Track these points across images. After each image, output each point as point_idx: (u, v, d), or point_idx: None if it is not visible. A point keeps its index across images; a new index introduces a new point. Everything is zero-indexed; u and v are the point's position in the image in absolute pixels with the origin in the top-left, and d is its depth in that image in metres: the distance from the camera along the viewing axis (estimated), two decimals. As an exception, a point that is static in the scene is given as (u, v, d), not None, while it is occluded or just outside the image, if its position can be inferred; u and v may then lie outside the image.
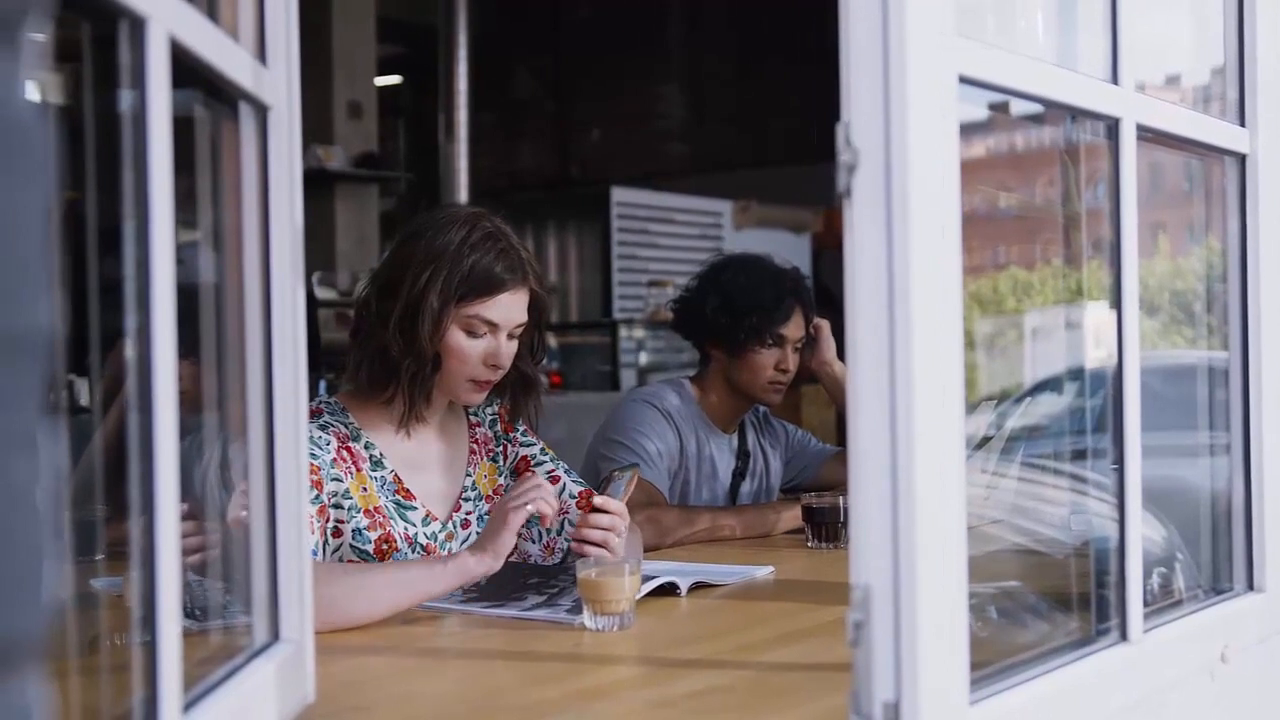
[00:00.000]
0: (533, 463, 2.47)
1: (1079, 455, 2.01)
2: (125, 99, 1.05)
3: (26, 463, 0.59)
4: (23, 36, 0.62)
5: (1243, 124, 1.84)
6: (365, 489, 2.24)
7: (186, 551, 1.15)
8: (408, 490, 2.30)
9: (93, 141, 1.08)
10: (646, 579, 2.08)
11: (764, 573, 2.40)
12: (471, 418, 2.46)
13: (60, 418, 0.66)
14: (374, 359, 2.26)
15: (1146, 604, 1.60)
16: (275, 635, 1.41)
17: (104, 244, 1.08)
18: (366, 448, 2.28)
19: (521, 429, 2.50)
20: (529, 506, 2.05)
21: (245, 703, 1.26)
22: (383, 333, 2.23)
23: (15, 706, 0.59)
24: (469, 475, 2.41)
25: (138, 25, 1.02)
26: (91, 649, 1.27)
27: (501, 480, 2.45)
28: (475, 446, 2.44)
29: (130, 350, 1.05)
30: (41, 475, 0.60)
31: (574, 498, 2.42)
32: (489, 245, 2.24)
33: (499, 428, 2.48)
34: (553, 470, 2.45)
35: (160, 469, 1.04)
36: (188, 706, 1.11)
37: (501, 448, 2.47)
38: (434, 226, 2.26)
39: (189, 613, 1.27)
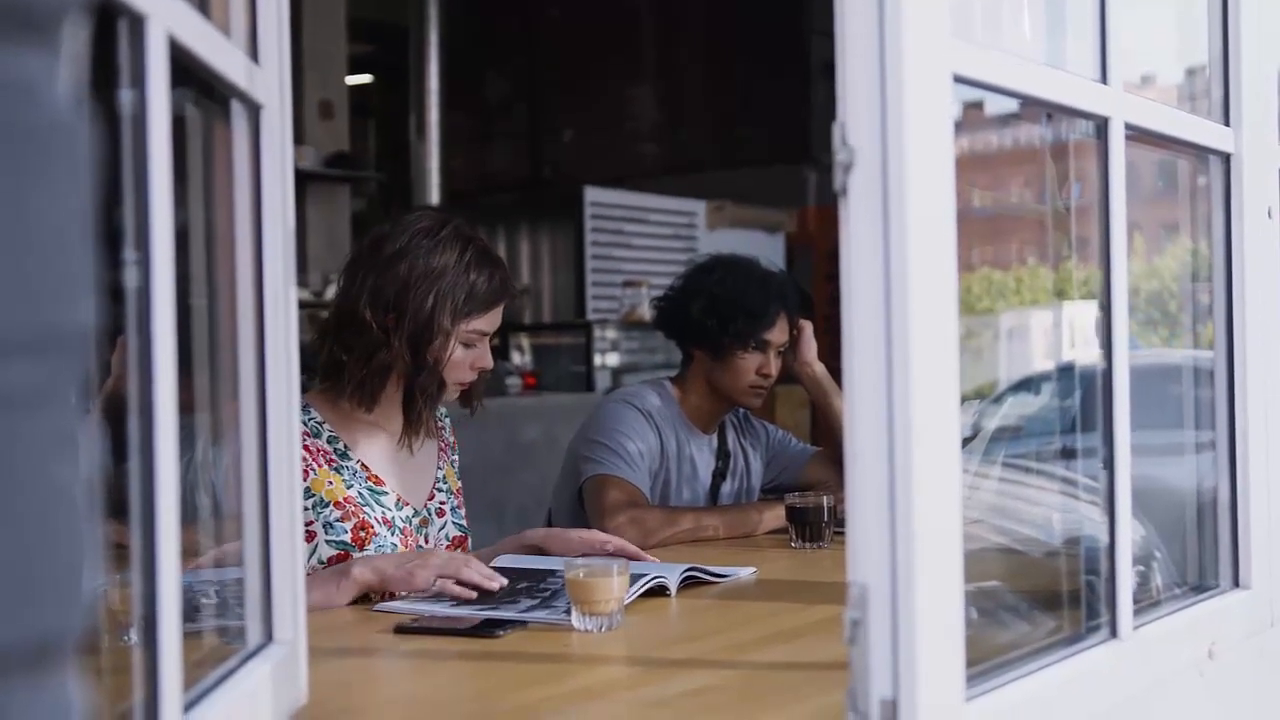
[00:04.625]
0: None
1: (1060, 454, 2.02)
2: (123, 97, 1.04)
3: (68, 462, 0.59)
4: (61, 36, 0.62)
5: (1227, 123, 1.86)
6: (331, 482, 2.29)
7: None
8: (377, 477, 2.36)
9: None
10: (635, 578, 2.08)
11: (748, 573, 2.41)
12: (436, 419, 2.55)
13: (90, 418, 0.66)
14: (378, 375, 2.32)
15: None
16: (269, 637, 1.40)
17: (101, 243, 1.07)
18: (330, 441, 2.34)
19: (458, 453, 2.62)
20: (436, 584, 2.09)
21: (241, 704, 1.25)
22: (387, 350, 2.28)
23: (60, 703, 0.59)
24: (440, 469, 2.50)
25: (137, 23, 1.02)
26: (89, 650, 1.26)
27: (458, 484, 2.57)
28: (442, 445, 2.54)
29: (124, 349, 1.04)
30: (81, 474, 0.60)
31: (449, 540, 2.49)
32: (484, 262, 2.35)
33: (452, 439, 2.60)
34: (444, 504, 2.52)
35: (160, 471, 1.03)
36: (187, 707, 1.10)
37: (455, 459, 2.59)
38: (420, 246, 2.31)
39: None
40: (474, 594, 2.07)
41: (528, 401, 6.59)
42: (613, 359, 7.65)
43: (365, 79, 10.24)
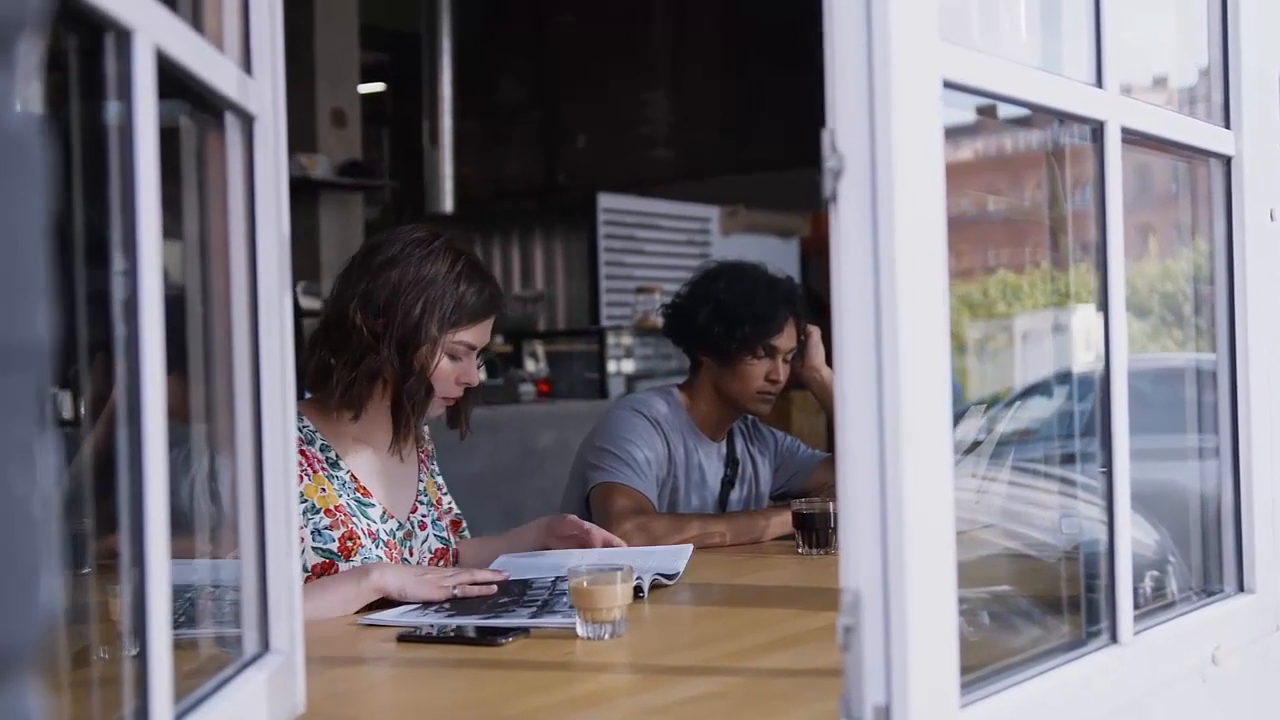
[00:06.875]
0: (442, 492, 2.61)
1: (1069, 459, 2.02)
2: (111, 109, 1.05)
3: (24, 473, 0.59)
4: (18, 49, 0.63)
5: (1228, 126, 1.85)
6: (324, 490, 2.32)
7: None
8: (365, 488, 2.39)
9: (78, 152, 1.08)
10: None
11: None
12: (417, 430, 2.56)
13: (53, 429, 0.66)
14: (365, 380, 2.34)
15: (1139, 607, 1.60)
16: (265, 646, 1.40)
17: (89, 255, 1.08)
18: (322, 450, 2.37)
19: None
20: (455, 591, 2.18)
21: (236, 713, 1.26)
22: (375, 355, 2.30)
23: (14, 713, 0.59)
24: (421, 481, 2.53)
25: (124, 37, 1.02)
26: (80, 662, 1.26)
27: (439, 493, 2.59)
28: (423, 457, 2.56)
29: (119, 362, 1.05)
30: (39, 485, 0.61)
31: (430, 553, 2.50)
32: (475, 275, 2.38)
33: (431, 447, 2.62)
34: (425, 517, 2.53)
35: (149, 481, 1.04)
36: (181, 716, 1.10)
37: (434, 467, 2.61)
38: (411, 255, 2.35)
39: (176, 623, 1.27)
40: (494, 589, 2.20)
41: (541, 408, 6.59)
42: (627, 365, 7.65)
43: (378, 87, 10.25)
